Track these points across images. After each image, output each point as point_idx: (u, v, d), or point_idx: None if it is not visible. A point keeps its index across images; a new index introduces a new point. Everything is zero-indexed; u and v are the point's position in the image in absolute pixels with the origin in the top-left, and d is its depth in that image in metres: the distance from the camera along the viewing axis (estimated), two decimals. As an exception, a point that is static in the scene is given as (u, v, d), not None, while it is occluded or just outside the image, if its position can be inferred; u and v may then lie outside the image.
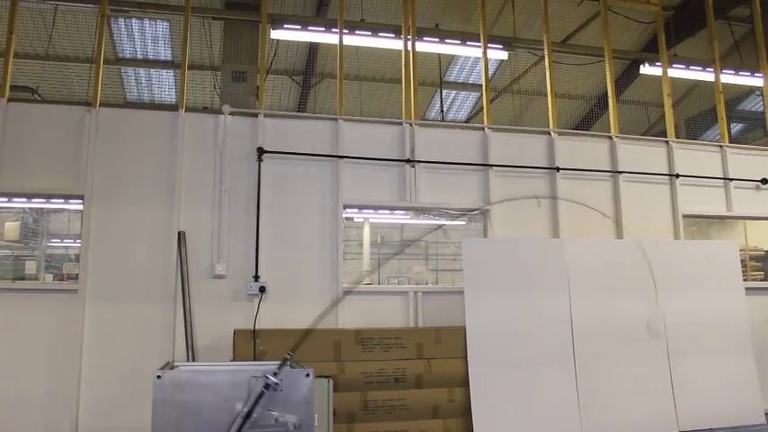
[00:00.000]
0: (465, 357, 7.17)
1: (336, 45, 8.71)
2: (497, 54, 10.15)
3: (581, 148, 9.04)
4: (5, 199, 7.63)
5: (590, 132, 10.09)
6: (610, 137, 9.19)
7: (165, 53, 11.32)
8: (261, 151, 7.71)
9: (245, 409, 3.71)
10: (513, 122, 11.76)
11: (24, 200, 7.81)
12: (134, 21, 10.57)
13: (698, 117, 12.56)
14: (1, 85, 7.42)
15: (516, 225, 8.42)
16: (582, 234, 8.52)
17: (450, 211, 8.43)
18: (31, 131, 7.33)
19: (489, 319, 7.33)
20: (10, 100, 7.39)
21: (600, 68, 10.20)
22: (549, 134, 8.92)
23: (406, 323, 7.83)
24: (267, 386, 3.73)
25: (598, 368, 7.46)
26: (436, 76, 12.13)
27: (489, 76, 9.45)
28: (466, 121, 13.48)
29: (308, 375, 3.92)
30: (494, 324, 7.33)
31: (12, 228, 8.71)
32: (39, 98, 10.26)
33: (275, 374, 3.76)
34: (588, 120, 13.57)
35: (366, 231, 9.13)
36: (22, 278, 8.11)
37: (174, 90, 11.95)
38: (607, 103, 9.61)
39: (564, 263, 7.71)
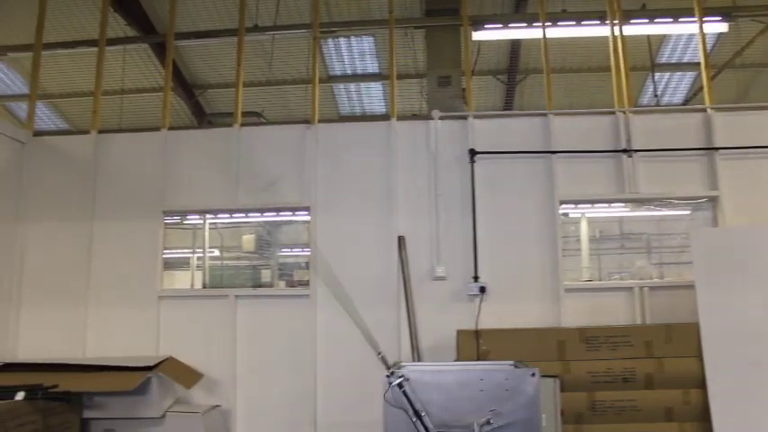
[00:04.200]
0: (700, 356, 6.71)
1: (539, 39, 8.56)
2: (716, 27, 9.33)
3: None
4: (243, 214, 8.43)
5: (838, 103, 8.92)
6: None
7: (371, 66, 11.86)
8: (472, 153, 7.78)
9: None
10: (737, 100, 10.78)
11: (258, 214, 8.58)
12: (341, 39, 11.20)
13: None
14: (234, 112, 8.24)
15: (750, 212, 7.64)
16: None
17: (674, 201, 7.92)
18: (259, 151, 8.04)
19: (725, 316, 6.77)
20: (242, 125, 8.17)
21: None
22: (784, 108, 8.05)
23: (631, 320, 7.46)
24: None
25: None
26: (647, 60, 11.47)
27: (707, 51, 8.74)
28: (683, 104, 12.61)
29: (533, 375, 3.96)
30: (731, 321, 6.76)
31: (248, 240, 9.67)
32: (264, 121, 11.20)
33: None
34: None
35: (584, 227, 8.85)
36: (260, 285, 8.92)
37: (382, 101, 12.49)
38: None
39: (813, 252, 6.93)
